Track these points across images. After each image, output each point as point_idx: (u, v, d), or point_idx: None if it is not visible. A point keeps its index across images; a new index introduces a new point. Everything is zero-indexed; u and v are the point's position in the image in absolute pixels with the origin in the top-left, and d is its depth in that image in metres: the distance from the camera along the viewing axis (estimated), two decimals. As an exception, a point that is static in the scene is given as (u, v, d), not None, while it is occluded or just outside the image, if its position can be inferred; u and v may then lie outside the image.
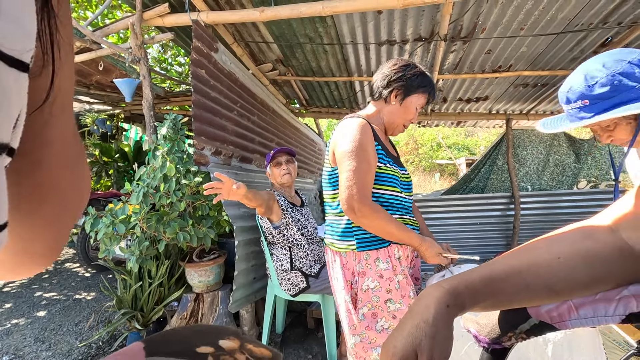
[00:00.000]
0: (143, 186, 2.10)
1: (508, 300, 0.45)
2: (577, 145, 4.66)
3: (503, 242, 4.57)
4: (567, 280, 0.42)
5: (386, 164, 1.31)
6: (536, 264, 0.43)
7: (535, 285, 0.43)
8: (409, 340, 0.40)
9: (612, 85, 0.82)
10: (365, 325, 1.26)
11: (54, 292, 3.42)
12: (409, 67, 1.35)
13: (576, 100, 0.90)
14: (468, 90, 3.91)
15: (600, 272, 0.42)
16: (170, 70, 7.06)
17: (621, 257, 0.42)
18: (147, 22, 2.43)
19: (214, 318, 2.27)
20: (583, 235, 0.45)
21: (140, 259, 2.11)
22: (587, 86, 0.86)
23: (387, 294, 1.25)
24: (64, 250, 5.09)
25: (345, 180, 1.20)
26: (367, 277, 1.27)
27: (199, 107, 2.12)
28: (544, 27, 2.47)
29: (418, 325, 0.41)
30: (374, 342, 1.27)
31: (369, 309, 1.26)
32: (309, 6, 2.13)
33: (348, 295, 1.31)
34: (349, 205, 1.19)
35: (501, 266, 0.45)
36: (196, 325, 0.30)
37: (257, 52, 3.20)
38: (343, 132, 1.29)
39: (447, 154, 17.87)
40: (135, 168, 5.71)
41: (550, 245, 0.45)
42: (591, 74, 0.86)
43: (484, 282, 0.44)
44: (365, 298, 1.26)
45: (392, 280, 1.26)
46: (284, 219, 2.07)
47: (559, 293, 0.43)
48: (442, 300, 0.42)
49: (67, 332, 2.61)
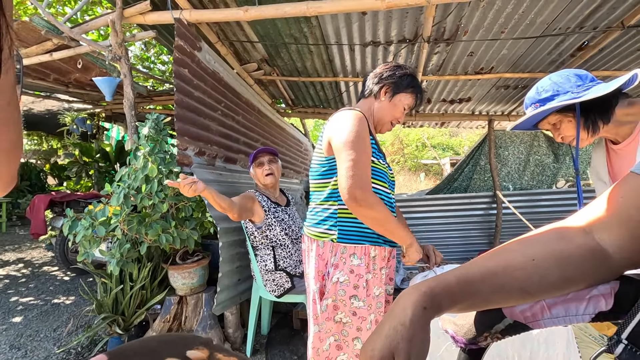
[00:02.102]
0: (124, 187, 2.05)
1: (484, 302, 0.46)
2: (555, 146, 4.79)
3: (485, 240, 4.67)
4: (540, 282, 0.43)
5: (378, 159, 1.34)
6: (511, 266, 0.44)
7: (510, 286, 0.44)
8: (386, 342, 0.41)
9: (553, 90, 1.12)
10: (326, 316, 1.29)
11: (30, 297, 3.31)
12: (400, 68, 1.41)
13: (531, 104, 1.19)
14: (452, 92, 3.97)
15: (573, 273, 0.43)
16: (153, 69, 6.93)
17: (593, 259, 0.43)
18: (128, 19, 2.37)
19: (197, 321, 2.24)
20: (557, 236, 0.46)
21: (121, 261, 2.06)
22: (537, 93, 1.17)
23: (354, 289, 1.27)
24: (41, 253, 4.93)
25: (346, 170, 1.20)
26: (339, 270, 1.29)
27: (182, 107, 2.09)
28: (524, 30, 2.53)
29: (395, 327, 0.41)
30: (329, 332, 1.30)
31: (333, 301, 1.28)
32: (294, 6, 2.12)
33: (317, 285, 1.34)
34: (350, 194, 1.18)
35: (477, 268, 0.46)
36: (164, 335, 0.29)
37: (242, 51, 3.17)
38: (341, 122, 1.29)
39: (432, 154, 18.12)
40: (117, 168, 5.58)
41: (525, 247, 0.46)
42: (541, 85, 1.18)
43: (461, 284, 0.44)
44: (332, 290, 1.28)
45: (362, 277, 1.28)
46: (267, 219, 2.05)
47: (533, 294, 0.44)
48: (419, 302, 0.42)
49: (45, 338, 2.52)
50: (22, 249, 5.19)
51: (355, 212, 1.23)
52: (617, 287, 0.43)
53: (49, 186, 8.83)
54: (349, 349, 1.30)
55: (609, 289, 0.43)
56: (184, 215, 2.23)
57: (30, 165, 8.55)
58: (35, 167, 8.59)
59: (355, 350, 1.29)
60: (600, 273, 0.44)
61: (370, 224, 1.26)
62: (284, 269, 2.07)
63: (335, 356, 1.31)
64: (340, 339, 1.31)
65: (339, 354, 1.31)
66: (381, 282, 1.35)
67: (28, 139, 10.35)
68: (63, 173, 7.53)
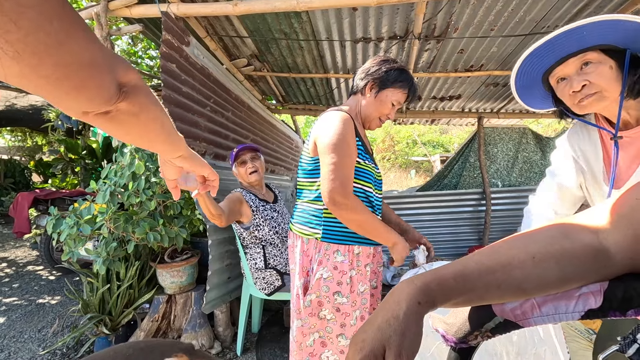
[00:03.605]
0: (110, 184, 2.01)
1: (479, 298, 0.45)
2: (543, 143, 4.88)
3: (475, 236, 4.73)
4: (537, 281, 0.43)
5: (364, 159, 1.33)
6: (510, 264, 0.43)
7: (507, 285, 0.43)
8: (378, 335, 0.40)
9: None
10: (309, 311, 1.30)
11: (14, 297, 3.23)
12: (387, 62, 1.37)
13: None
14: (442, 89, 3.99)
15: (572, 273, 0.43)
16: (141, 64, 6.80)
17: (595, 259, 0.42)
18: (114, 12, 2.31)
19: (187, 320, 2.21)
20: (561, 234, 0.45)
21: (108, 260, 2.02)
22: None
23: (337, 286, 1.28)
24: (26, 252, 4.82)
25: (328, 173, 1.20)
26: (322, 267, 1.29)
27: (170, 103, 2.05)
28: (513, 28, 2.55)
29: (388, 320, 0.40)
30: (312, 328, 1.30)
31: (317, 297, 1.29)
32: (284, 1, 2.09)
33: (301, 281, 1.34)
34: (330, 198, 1.19)
35: (475, 264, 0.45)
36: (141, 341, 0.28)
37: (232, 46, 3.13)
38: (326, 124, 1.28)
39: (422, 150, 18.25)
40: (104, 165, 5.48)
41: (527, 243, 0.45)
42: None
43: (457, 280, 0.44)
44: (316, 286, 1.29)
45: (345, 274, 1.28)
46: (254, 219, 2.03)
47: (528, 292, 0.44)
48: (414, 296, 0.42)
49: (29, 339, 2.47)
50: (5, 248, 5.06)
51: (337, 215, 1.24)
52: (606, 285, 0.43)
53: (34, 183, 8.64)
54: (334, 345, 1.30)
55: (598, 286, 0.43)
56: (173, 213, 2.20)
57: (14, 162, 8.34)
58: (19, 164, 8.39)
59: (340, 346, 1.29)
60: (599, 274, 0.43)
61: (352, 227, 1.26)
62: (274, 266, 2.06)
63: (319, 353, 1.32)
64: (324, 336, 1.31)
65: (324, 350, 1.32)
66: (366, 279, 1.35)
67: (11, 135, 10.09)
68: (48, 170, 7.36)
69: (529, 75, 0.95)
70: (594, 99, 0.85)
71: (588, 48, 0.84)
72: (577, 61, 0.86)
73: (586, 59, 0.84)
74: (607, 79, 0.83)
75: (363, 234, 1.28)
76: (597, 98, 0.85)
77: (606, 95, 0.85)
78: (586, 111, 0.90)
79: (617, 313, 0.42)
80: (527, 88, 1.00)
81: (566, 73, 0.88)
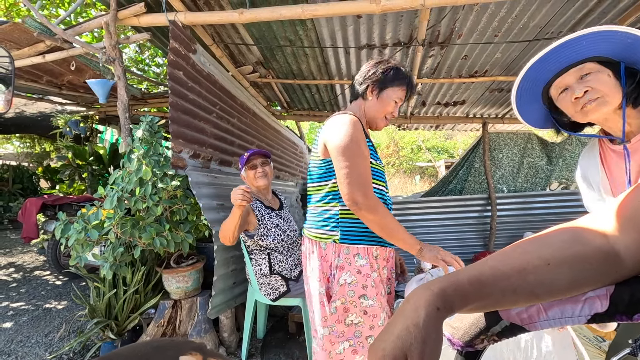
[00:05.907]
0: (117, 190, 2.03)
1: (494, 304, 0.45)
2: (549, 148, 4.85)
3: (481, 242, 4.69)
4: (550, 286, 0.43)
5: (376, 159, 1.35)
6: (525, 270, 0.43)
7: (521, 290, 0.43)
8: (399, 343, 0.39)
9: None
10: (335, 318, 1.28)
11: (22, 302, 3.25)
12: (381, 63, 1.40)
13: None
14: (446, 95, 3.99)
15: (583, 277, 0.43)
16: (148, 71, 6.89)
17: (606, 263, 0.42)
18: (122, 21, 2.36)
19: (192, 325, 2.22)
20: (574, 238, 0.44)
21: (115, 265, 2.03)
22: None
23: (363, 289, 1.27)
24: (33, 257, 4.86)
25: (346, 175, 1.21)
26: (345, 272, 1.28)
27: (177, 109, 2.08)
28: (517, 34, 2.56)
29: (408, 328, 0.40)
30: (341, 335, 1.29)
31: (342, 303, 1.28)
32: (289, 9, 2.12)
33: (323, 287, 1.32)
34: (352, 198, 1.19)
35: (490, 270, 0.44)
36: (155, 340, 0.28)
37: (237, 54, 3.17)
38: (337, 127, 1.29)
39: (427, 156, 18.20)
40: (111, 171, 5.53)
41: (540, 249, 0.45)
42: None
43: (473, 286, 0.43)
44: (340, 292, 1.28)
45: (369, 276, 1.28)
46: (259, 228, 2.03)
47: (540, 297, 0.44)
48: (433, 303, 0.41)
49: (36, 343, 2.48)
50: (13, 253, 5.11)
51: (359, 216, 1.24)
52: (613, 288, 0.43)
53: (42, 189, 8.73)
54: (364, 350, 1.29)
55: (605, 290, 0.43)
56: (179, 219, 2.21)
57: (22, 168, 8.45)
58: (27, 170, 8.50)
59: None
60: (609, 277, 0.43)
61: (373, 227, 1.25)
62: (280, 272, 2.06)
63: None
64: (355, 343, 1.30)
65: (354, 357, 1.30)
66: (383, 281, 1.36)
67: (20, 142, 10.23)
68: (56, 176, 7.44)
69: (530, 91, 0.98)
70: (596, 104, 0.87)
71: (586, 59, 0.88)
72: (577, 72, 0.89)
73: (585, 70, 0.88)
74: (607, 85, 0.87)
75: (383, 235, 1.27)
76: (599, 102, 0.87)
77: (608, 100, 0.87)
78: (589, 117, 0.91)
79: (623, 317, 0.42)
80: (529, 104, 1.03)
81: (567, 83, 0.91)
